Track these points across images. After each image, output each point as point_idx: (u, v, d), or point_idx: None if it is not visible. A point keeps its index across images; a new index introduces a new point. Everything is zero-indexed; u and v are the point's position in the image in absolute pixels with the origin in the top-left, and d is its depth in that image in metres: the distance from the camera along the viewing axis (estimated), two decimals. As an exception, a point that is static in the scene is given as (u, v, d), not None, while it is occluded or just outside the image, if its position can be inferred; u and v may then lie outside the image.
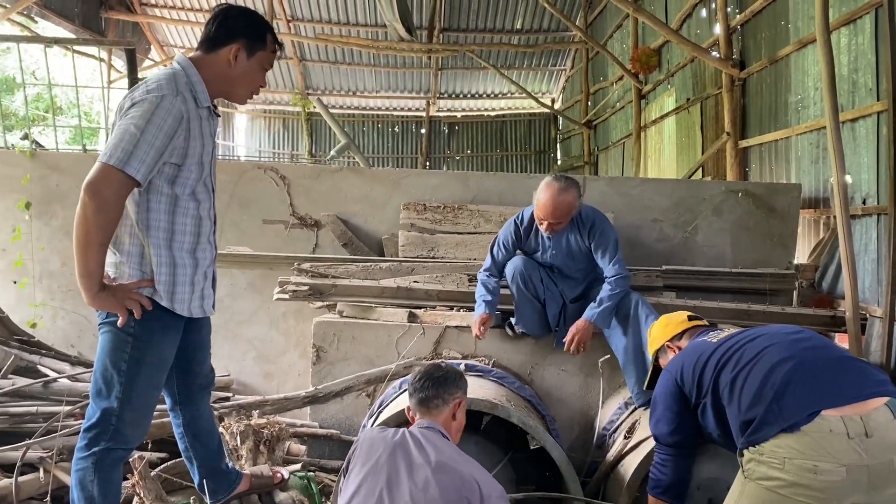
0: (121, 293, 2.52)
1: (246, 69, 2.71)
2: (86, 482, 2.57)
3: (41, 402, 3.89)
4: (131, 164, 2.38)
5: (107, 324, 2.59)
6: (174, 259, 2.61)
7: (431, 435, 2.53)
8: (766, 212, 5.13)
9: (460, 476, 2.34)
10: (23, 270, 5.10)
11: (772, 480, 2.24)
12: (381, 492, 2.34)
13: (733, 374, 2.47)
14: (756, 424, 2.31)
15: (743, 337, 2.61)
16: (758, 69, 7.23)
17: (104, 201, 2.37)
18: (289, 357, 5.17)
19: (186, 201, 2.64)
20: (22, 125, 10.94)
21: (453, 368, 2.84)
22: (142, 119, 2.41)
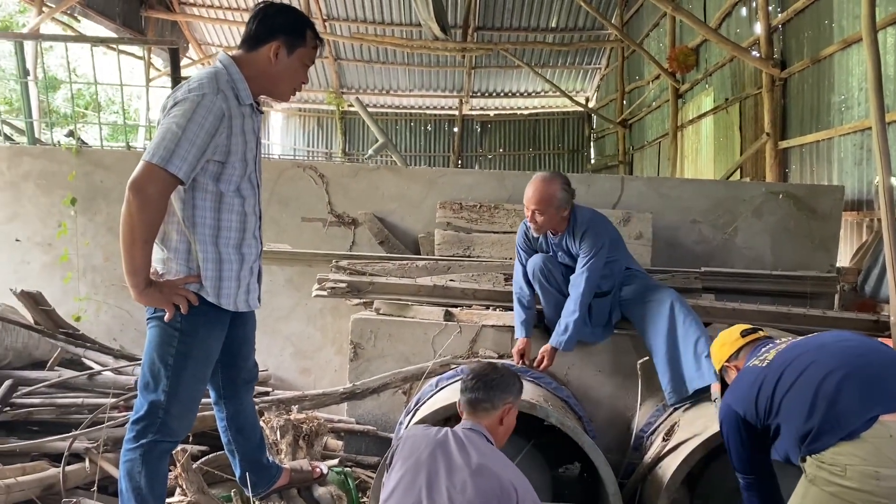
0: (168, 289, 2.57)
1: (287, 66, 2.73)
2: (133, 473, 2.63)
3: (86, 394, 3.97)
4: (173, 163, 2.42)
5: (154, 318, 2.64)
6: (220, 255, 2.66)
7: (474, 437, 2.53)
8: (808, 214, 5.06)
9: (499, 481, 2.34)
10: (68, 265, 5.22)
11: (834, 486, 2.24)
12: (419, 489, 2.36)
13: (784, 393, 2.45)
14: (814, 435, 2.30)
15: (790, 354, 2.57)
16: (799, 69, 7.13)
17: (148, 199, 2.42)
18: (325, 353, 5.22)
19: (231, 198, 2.68)
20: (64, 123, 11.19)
21: (509, 372, 2.80)
22: (183, 118, 2.46)
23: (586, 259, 3.89)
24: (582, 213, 3.96)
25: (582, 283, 3.88)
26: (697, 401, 3.66)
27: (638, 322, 3.99)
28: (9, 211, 5.33)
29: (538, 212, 3.82)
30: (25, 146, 6.01)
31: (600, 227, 3.95)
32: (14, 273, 5.28)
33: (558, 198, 3.81)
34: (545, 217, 3.85)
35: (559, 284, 4.06)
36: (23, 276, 5.24)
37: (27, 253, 5.34)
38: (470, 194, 5.24)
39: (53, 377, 4.05)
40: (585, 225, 3.91)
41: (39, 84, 9.14)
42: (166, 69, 14.46)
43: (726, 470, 3.31)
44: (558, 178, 3.85)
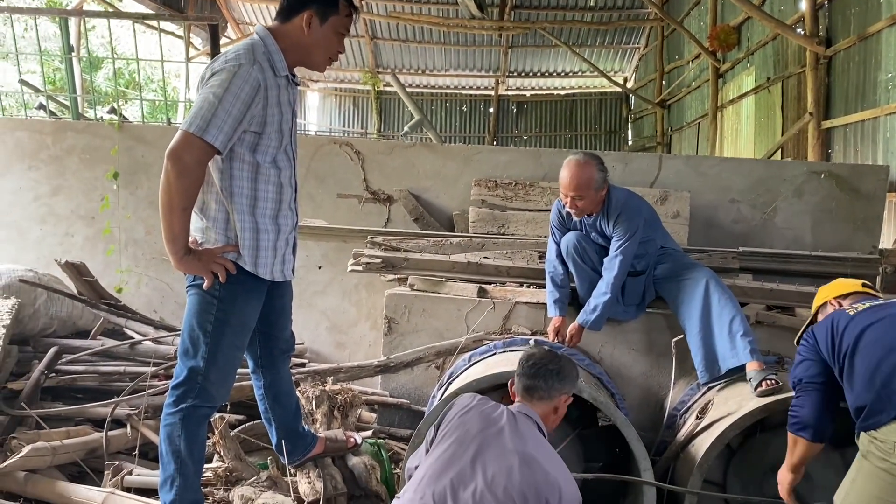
0: (206, 257, 2.62)
1: (320, 35, 2.74)
2: (173, 437, 2.70)
3: (128, 363, 4.09)
4: (210, 132, 2.47)
5: (193, 287, 2.70)
6: (257, 225, 2.70)
7: (528, 423, 2.52)
8: (851, 194, 4.96)
9: (546, 475, 2.33)
10: (110, 238, 5.33)
11: (885, 462, 2.29)
12: (466, 463, 2.36)
13: (853, 356, 2.48)
14: (868, 411, 2.36)
15: (874, 315, 2.56)
16: (845, 46, 6.95)
17: (185, 167, 2.47)
18: (360, 328, 5.28)
19: (268, 169, 2.72)
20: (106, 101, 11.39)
21: (569, 363, 2.77)
22: (220, 88, 2.50)
23: (620, 243, 3.86)
24: (617, 194, 3.92)
25: (615, 267, 3.86)
26: (731, 380, 3.63)
27: (672, 300, 3.96)
28: (53, 184, 5.46)
29: (577, 198, 3.78)
30: (70, 121, 6.13)
31: (634, 209, 3.90)
32: (59, 245, 5.41)
33: (596, 179, 3.77)
34: (585, 201, 3.81)
35: (593, 263, 4.04)
36: (67, 249, 5.37)
37: (71, 226, 5.47)
38: (505, 172, 5.23)
39: (96, 346, 4.17)
40: (620, 208, 3.87)
41: (83, 62, 9.31)
42: (205, 48, 14.61)
43: (762, 448, 3.30)
44: (593, 159, 3.81)
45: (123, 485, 3.16)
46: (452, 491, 2.30)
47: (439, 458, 2.42)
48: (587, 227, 4.05)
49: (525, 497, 2.27)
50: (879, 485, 2.30)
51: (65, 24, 6.16)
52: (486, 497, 2.27)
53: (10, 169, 5.47)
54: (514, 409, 2.59)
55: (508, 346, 3.92)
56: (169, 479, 2.71)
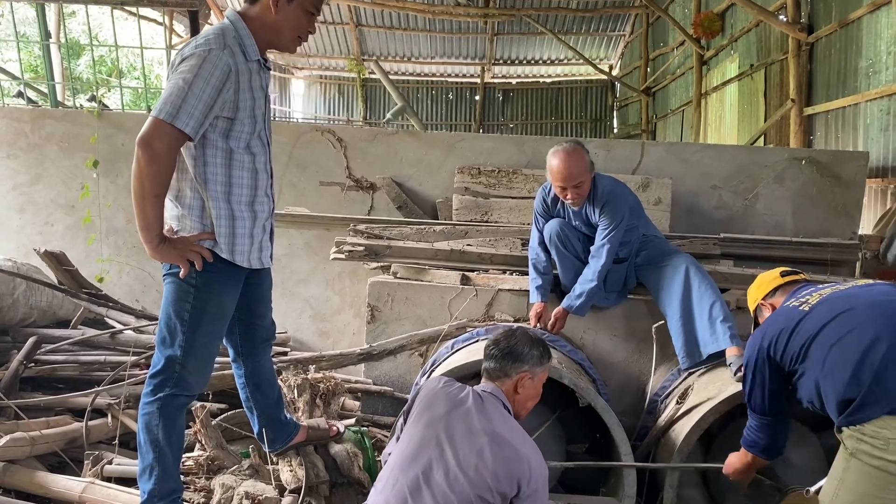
0: (182, 245, 2.60)
1: (288, 14, 2.69)
2: (151, 426, 2.69)
3: (109, 352, 4.07)
4: (180, 118, 2.44)
5: (170, 275, 2.68)
6: (233, 212, 2.68)
7: (493, 402, 2.53)
8: (831, 180, 4.99)
9: (515, 451, 2.34)
10: (91, 227, 5.29)
11: (877, 460, 2.19)
12: (435, 447, 2.36)
13: (828, 348, 2.36)
14: (857, 405, 2.23)
15: (836, 305, 2.46)
16: (827, 33, 6.98)
17: (156, 154, 2.44)
18: (344, 316, 5.27)
19: (242, 155, 2.69)
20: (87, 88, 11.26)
21: (527, 340, 2.70)
22: (189, 73, 2.47)
23: (606, 231, 3.88)
24: (603, 182, 3.92)
25: (603, 255, 3.87)
26: (712, 365, 3.66)
27: (653, 287, 3.98)
28: (32, 173, 5.40)
29: (577, 186, 3.78)
30: (48, 109, 6.07)
31: (620, 197, 3.92)
32: (38, 234, 5.37)
33: (588, 163, 3.80)
34: (583, 187, 3.82)
35: (576, 250, 4.05)
36: (47, 238, 5.32)
37: (51, 215, 5.42)
38: (489, 159, 5.22)
39: (76, 335, 4.15)
40: (606, 196, 3.88)
41: (62, 48, 9.19)
42: (187, 35, 14.46)
43: (742, 432, 3.33)
44: (580, 147, 3.82)
45: (103, 474, 3.15)
46: (424, 475, 2.30)
47: (409, 443, 2.42)
48: (572, 214, 4.06)
49: (497, 476, 2.27)
50: (873, 482, 2.21)
51: (42, 9, 6.08)
52: (459, 478, 2.27)
53: (-13, 157, 5.41)
54: (480, 389, 2.59)
55: (491, 333, 3.92)
56: (148, 468, 2.69)
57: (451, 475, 2.28)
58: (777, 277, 2.93)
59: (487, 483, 2.27)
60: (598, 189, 3.89)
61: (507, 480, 2.29)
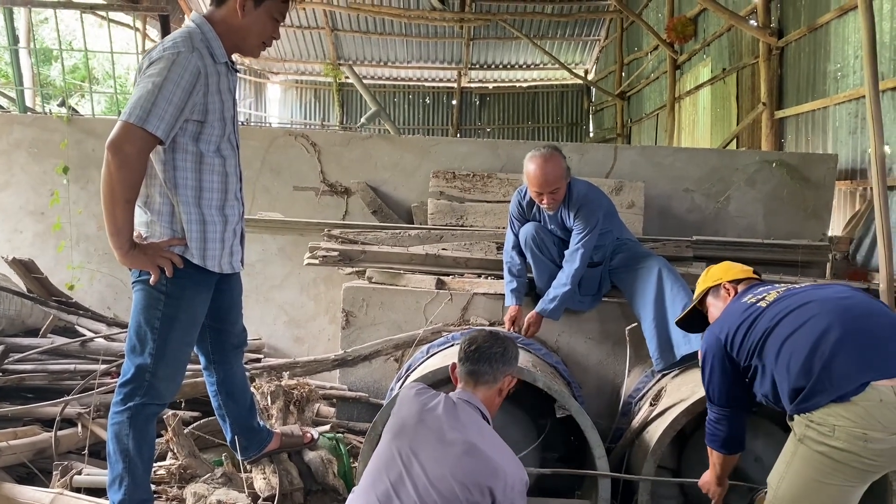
0: (152, 251, 2.57)
1: (255, 19, 2.68)
2: (121, 435, 2.65)
3: (79, 361, 4.01)
4: (150, 121, 2.41)
5: (140, 282, 2.65)
6: (203, 216, 2.66)
7: (469, 410, 2.46)
8: (801, 183, 5.06)
9: (488, 461, 2.29)
10: (61, 233, 5.22)
11: (822, 446, 2.27)
12: (405, 459, 2.32)
13: (782, 340, 2.43)
14: (806, 394, 2.31)
15: (792, 301, 2.54)
16: (796, 37, 7.07)
17: (126, 158, 2.41)
18: (319, 322, 5.24)
19: (212, 158, 2.67)
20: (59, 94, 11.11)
21: (510, 342, 2.69)
22: (158, 76, 2.44)
23: (581, 236, 3.90)
24: (578, 186, 3.94)
25: (577, 259, 3.89)
26: (685, 367, 3.69)
27: (626, 289, 4.01)
28: (1, 179, 5.32)
29: (553, 192, 3.81)
30: (16, 114, 5.98)
31: (595, 202, 3.94)
32: (7, 242, 5.29)
33: (564, 168, 3.82)
34: (559, 192, 3.84)
35: (551, 254, 4.07)
36: (16, 245, 5.24)
37: (19, 222, 5.34)
38: (464, 163, 5.23)
39: (46, 344, 4.09)
40: (581, 201, 3.90)
41: (32, 54, 9.06)
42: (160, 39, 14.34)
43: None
44: (557, 152, 3.83)
45: (73, 485, 3.10)
46: (395, 488, 2.27)
47: (381, 455, 2.39)
48: (547, 218, 4.07)
49: (466, 487, 2.23)
50: (817, 467, 2.30)
51: (9, 14, 6.00)
52: (430, 492, 2.23)
53: (-46, 164, 5.32)
54: (454, 397, 2.52)
55: (465, 336, 3.92)
56: (117, 478, 2.66)
57: (420, 488, 2.25)
58: (748, 270, 2.97)
59: (458, 495, 2.22)
60: (573, 194, 3.91)
61: (479, 491, 2.24)
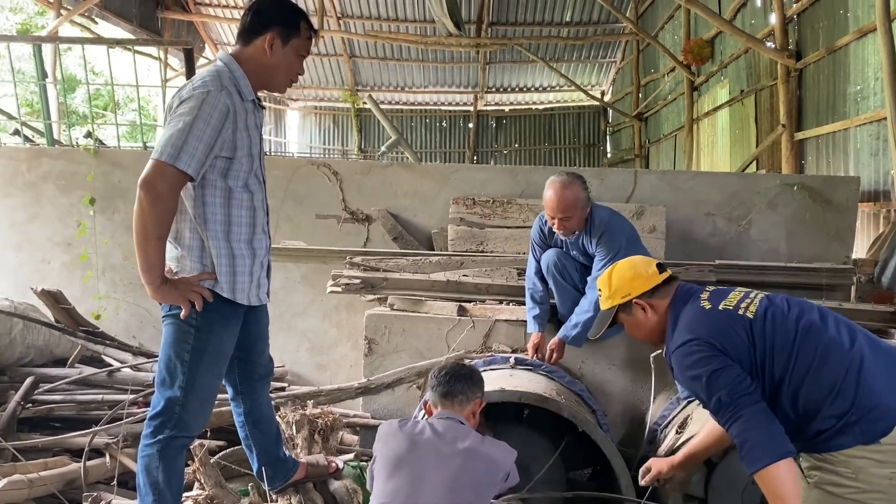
0: (183, 286, 2.61)
1: (282, 57, 2.76)
2: (151, 468, 2.67)
3: (106, 391, 4.05)
4: (182, 159, 2.47)
5: (170, 316, 2.69)
6: (233, 250, 2.70)
7: (453, 424, 2.62)
8: (823, 205, 5.03)
9: (488, 459, 2.52)
10: (87, 264, 5.30)
11: (842, 487, 2.19)
12: (409, 488, 2.43)
13: (791, 371, 2.27)
14: (830, 434, 2.20)
15: (788, 327, 2.31)
16: (815, 59, 7.08)
17: (158, 196, 2.46)
18: (341, 349, 5.26)
19: (240, 193, 2.72)
20: (83, 123, 11.33)
21: (476, 369, 2.94)
22: (189, 115, 2.50)
23: (602, 262, 3.89)
24: (600, 213, 3.94)
25: (596, 305, 3.88)
26: (711, 393, 3.66)
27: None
28: (29, 211, 5.42)
29: (565, 218, 3.81)
30: (44, 147, 6.10)
31: (617, 228, 3.93)
32: (35, 272, 5.36)
33: (581, 199, 3.81)
34: (573, 221, 3.84)
35: (573, 280, 4.07)
36: (44, 276, 5.32)
37: (47, 252, 5.42)
38: (483, 190, 5.26)
39: (74, 374, 4.13)
40: (603, 227, 3.90)
41: (58, 86, 9.26)
42: (182, 69, 14.59)
43: (741, 461, 3.32)
44: (576, 179, 3.83)
45: (102, 516, 3.12)
46: None
47: (381, 493, 2.48)
48: (569, 244, 4.08)
49: (479, 487, 2.45)
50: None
51: (39, 50, 6.14)
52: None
53: (-16, 196, 5.43)
54: (435, 418, 2.67)
55: (489, 365, 3.93)
56: (147, 510, 2.68)
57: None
58: (656, 273, 2.60)
59: (471, 499, 2.42)
60: (595, 220, 3.91)
61: (490, 484, 2.50)
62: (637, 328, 2.65)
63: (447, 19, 11.84)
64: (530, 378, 3.71)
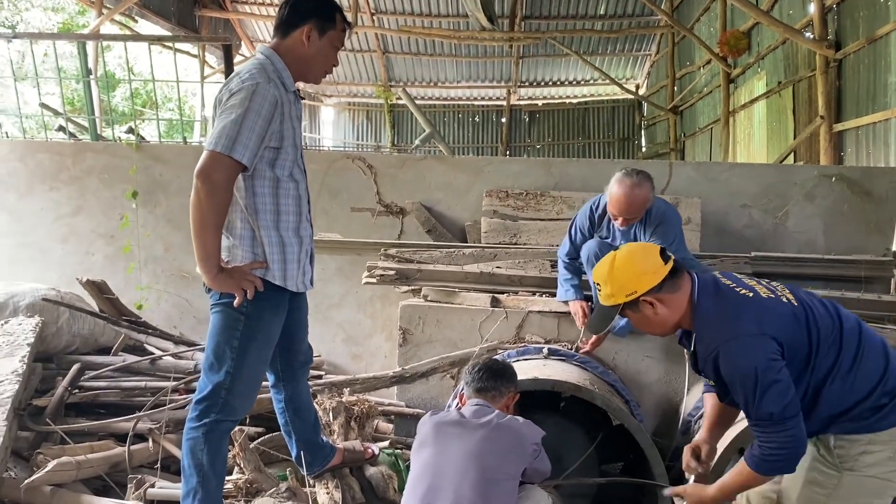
0: (237, 274, 2.68)
1: (319, 48, 2.83)
2: (196, 450, 2.75)
3: (149, 378, 4.16)
4: (236, 150, 2.54)
5: (220, 304, 2.74)
6: (282, 239, 2.77)
7: (480, 409, 2.80)
8: (862, 197, 4.97)
9: (513, 431, 2.69)
10: (130, 256, 5.44)
11: (878, 467, 2.24)
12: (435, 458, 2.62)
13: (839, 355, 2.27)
14: (887, 411, 2.24)
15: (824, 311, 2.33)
16: (854, 49, 6.96)
17: (215, 186, 2.54)
18: (376, 340, 5.34)
19: (287, 182, 2.79)
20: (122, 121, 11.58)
21: (509, 364, 3.11)
22: (241, 107, 2.58)
23: None
24: (656, 204, 3.94)
25: None
26: (745, 384, 3.64)
27: (685, 306, 3.98)
28: (74, 204, 5.58)
29: (631, 219, 3.82)
30: (89, 142, 6.26)
31: (674, 219, 3.95)
32: (80, 264, 5.52)
33: (650, 199, 3.82)
34: (637, 218, 3.86)
35: None
36: (88, 267, 5.47)
37: (92, 244, 5.58)
38: (516, 182, 5.28)
39: (118, 362, 4.25)
40: (659, 218, 3.90)
41: (100, 83, 9.47)
42: (220, 66, 14.80)
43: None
44: (647, 180, 3.79)
45: (146, 497, 3.22)
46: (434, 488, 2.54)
47: (413, 471, 2.68)
48: (618, 234, 4.05)
49: (501, 459, 2.59)
50: (872, 491, 2.26)
51: (83, 47, 6.30)
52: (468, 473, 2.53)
53: (31, 190, 5.59)
54: (466, 406, 2.87)
55: (522, 355, 3.96)
56: (192, 491, 2.76)
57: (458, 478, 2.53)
58: (662, 266, 2.39)
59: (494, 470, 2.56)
60: (652, 210, 3.90)
61: (515, 453, 2.64)
62: (645, 324, 2.48)
63: (480, 13, 11.83)
64: (564, 368, 3.73)
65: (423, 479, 2.60)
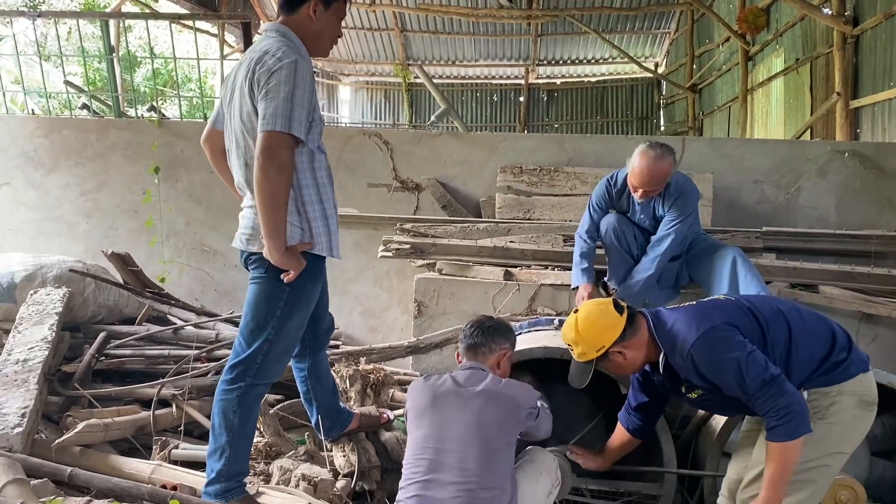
0: (298, 253, 2.74)
1: (326, 22, 2.86)
2: (228, 411, 2.82)
3: (172, 347, 4.29)
4: (294, 127, 2.59)
5: (265, 277, 2.79)
6: (325, 211, 2.84)
7: (473, 373, 2.84)
8: (875, 172, 4.98)
9: (508, 398, 2.73)
10: (152, 230, 5.57)
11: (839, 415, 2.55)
12: (436, 431, 2.66)
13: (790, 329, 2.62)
14: (847, 363, 2.58)
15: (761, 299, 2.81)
16: (872, 25, 6.91)
17: (283, 164, 2.59)
18: (392, 313, 5.45)
19: (319, 154, 2.85)
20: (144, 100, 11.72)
21: (504, 322, 3.13)
22: (287, 84, 2.60)
23: (673, 222, 3.95)
24: (676, 178, 3.99)
25: (665, 244, 3.95)
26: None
27: (702, 278, 4.07)
28: (99, 180, 5.72)
29: (651, 192, 3.89)
30: (112, 119, 6.39)
31: (692, 193, 4.01)
32: (105, 237, 5.67)
33: (672, 172, 3.88)
34: (655, 193, 3.93)
35: (629, 246, 4.13)
36: (112, 241, 5.62)
37: (116, 219, 5.72)
38: (530, 158, 5.34)
39: (142, 331, 4.40)
40: (679, 191, 3.96)
41: (122, 61, 9.60)
42: (239, 45, 14.88)
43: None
44: (669, 153, 3.85)
45: (170, 458, 3.36)
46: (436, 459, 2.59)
47: (412, 443, 2.73)
48: (637, 208, 4.12)
49: (499, 426, 2.66)
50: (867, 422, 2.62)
51: (105, 26, 6.41)
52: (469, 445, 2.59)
53: (57, 166, 5.74)
54: (458, 370, 2.91)
55: (533, 326, 4.04)
56: (219, 449, 2.83)
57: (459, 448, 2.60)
58: (619, 318, 2.69)
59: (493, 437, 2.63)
60: (672, 183, 3.96)
61: (512, 420, 2.70)
62: (619, 368, 2.80)
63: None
64: (573, 338, 3.80)
65: (424, 454, 2.64)
